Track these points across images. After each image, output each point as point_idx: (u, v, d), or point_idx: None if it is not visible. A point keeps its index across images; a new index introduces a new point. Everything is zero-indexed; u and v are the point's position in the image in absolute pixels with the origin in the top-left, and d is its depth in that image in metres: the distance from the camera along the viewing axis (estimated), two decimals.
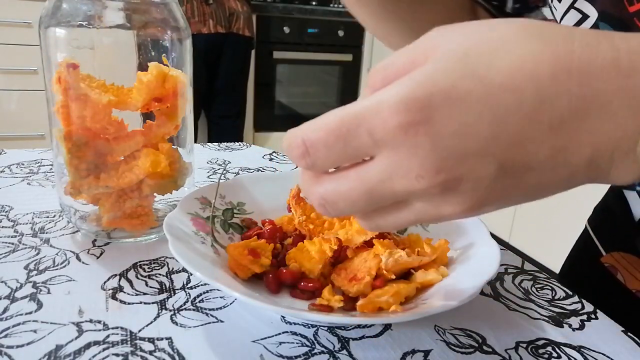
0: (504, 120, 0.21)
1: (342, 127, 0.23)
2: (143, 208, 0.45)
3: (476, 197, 0.23)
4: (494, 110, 0.21)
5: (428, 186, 0.23)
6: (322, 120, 0.24)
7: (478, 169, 0.22)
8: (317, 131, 0.24)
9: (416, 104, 0.21)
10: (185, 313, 0.36)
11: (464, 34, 0.23)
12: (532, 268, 0.47)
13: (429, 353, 0.34)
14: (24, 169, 0.62)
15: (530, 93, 0.21)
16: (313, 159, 0.24)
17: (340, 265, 0.39)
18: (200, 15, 2.21)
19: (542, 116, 0.21)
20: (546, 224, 1.99)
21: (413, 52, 0.24)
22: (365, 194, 0.24)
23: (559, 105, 0.21)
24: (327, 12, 2.96)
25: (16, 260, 0.42)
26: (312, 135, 0.24)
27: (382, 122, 0.22)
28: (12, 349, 0.32)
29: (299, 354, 0.33)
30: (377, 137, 0.22)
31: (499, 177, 0.23)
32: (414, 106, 0.21)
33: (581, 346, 0.36)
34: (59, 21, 0.41)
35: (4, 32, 2.21)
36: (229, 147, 0.77)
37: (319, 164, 0.24)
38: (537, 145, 0.22)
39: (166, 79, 0.42)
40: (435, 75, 0.22)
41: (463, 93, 0.21)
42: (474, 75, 0.21)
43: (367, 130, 0.22)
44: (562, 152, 0.22)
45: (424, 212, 0.25)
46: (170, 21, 0.44)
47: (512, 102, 0.21)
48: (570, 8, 0.43)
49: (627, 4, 0.36)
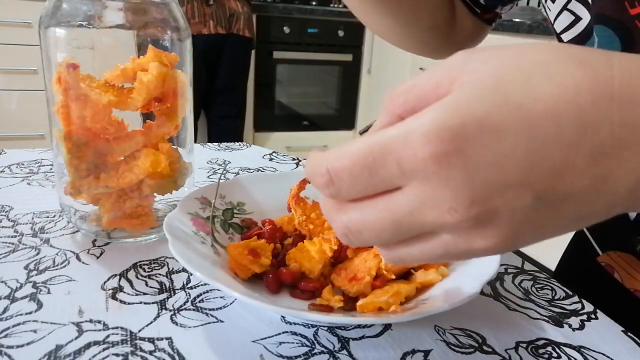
0: (543, 149, 0.21)
1: (369, 157, 0.22)
2: (143, 208, 0.45)
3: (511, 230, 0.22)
4: (532, 140, 0.20)
5: (461, 220, 0.22)
6: (348, 149, 0.23)
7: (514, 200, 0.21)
8: (342, 160, 0.23)
9: (449, 133, 0.20)
10: (185, 313, 0.37)
11: (494, 57, 0.22)
12: (532, 268, 0.47)
13: (429, 353, 0.34)
14: (24, 169, 0.62)
15: (571, 121, 0.20)
16: (337, 188, 0.23)
17: (340, 265, 0.39)
18: (200, 16, 2.21)
19: (583, 145, 0.21)
20: None
21: (438, 76, 0.23)
22: (392, 224, 0.23)
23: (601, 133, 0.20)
24: (327, 12, 2.96)
25: (16, 260, 0.42)
26: (337, 164, 0.23)
27: (412, 152, 0.21)
28: (12, 349, 0.32)
29: (299, 354, 0.33)
30: (406, 167, 0.21)
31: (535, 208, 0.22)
32: (447, 136, 0.20)
33: (581, 346, 0.36)
34: (59, 21, 0.41)
35: (4, 32, 2.21)
36: (229, 147, 0.77)
37: (344, 193, 0.23)
38: (576, 175, 0.21)
39: (166, 79, 0.42)
40: (468, 103, 0.21)
41: (498, 122, 0.20)
42: (510, 103, 0.20)
43: (396, 160, 0.22)
44: (603, 182, 0.21)
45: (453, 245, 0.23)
46: (170, 21, 0.44)
47: (552, 130, 0.20)
48: (563, 9, 0.43)
49: (628, 6, 0.36)
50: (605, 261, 0.52)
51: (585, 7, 0.40)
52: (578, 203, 0.22)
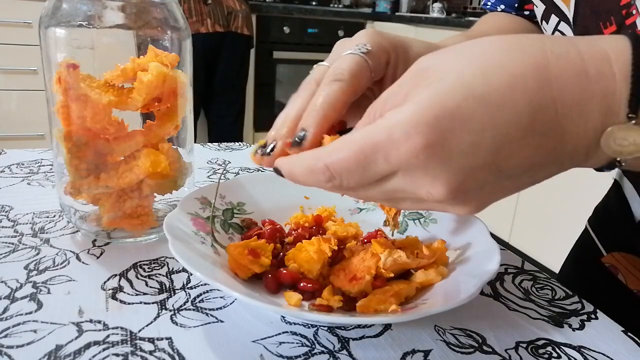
0: (506, 133, 0.24)
1: (361, 154, 0.25)
2: (143, 208, 0.45)
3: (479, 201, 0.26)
4: (496, 127, 0.24)
5: (436, 200, 0.26)
6: (341, 148, 0.26)
7: (482, 178, 0.25)
8: (339, 158, 0.26)
9: (426, 128, 0.24)
10: (185, 313, 0.36)
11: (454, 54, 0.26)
12: (532, 268, 0.47)
13: (429, 353, 0.34)
14: (24, 169, 0.62)
15: (524, 107, 0.24)
16: (339, 182, 0.27)
17: (337, 266, 0.39)
18: (198, 15, 2.20)
19: (536, 125, 0.24)
20: (546, 224, 1.99)
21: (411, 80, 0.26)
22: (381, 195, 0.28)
23: (547, 113, 0.24)
24: (327, 12, 2.96)
25: (16, 260, 0.42)
26: (335, 161, 0.26)
27: (395, 147, 0.24)
28: (12, 349, 0.32)
29: (299, 354, 0.33)
30: (392, 161, 0.25)
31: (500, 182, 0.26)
32: (424, 130, 0.24)
33: (581, 346, 0.36)
34: (59, 21, 0.41)
35: (4, 32, 2.21)
36: (229, 147, 0.77)
37: (345, 185, 0.27)
38: (532, 151, 0.25)
39: (166, 79, 0.42)
40: (439, 97, 0.24)
41: (467, 113, 0.24)
42: (475, 95, 0.24)
43: (383, 156, 0.25)
44: (552, 152, 0.25)
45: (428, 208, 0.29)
46: (170, 21, 0.44)
47: (511, 117, 0.24)
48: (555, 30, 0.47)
49: (602, 26, 0.39)
50: (609, 262, 0.52)
51: (570, 28, 0.44)
52: (534, 172, 0.26)
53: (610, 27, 0.39)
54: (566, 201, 1.85)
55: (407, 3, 3.36)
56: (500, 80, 0.24)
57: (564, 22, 0.44)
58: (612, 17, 0.38)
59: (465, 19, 2.68)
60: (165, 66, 0.41)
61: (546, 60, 0.24)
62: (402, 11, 3.34)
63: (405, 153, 0.24)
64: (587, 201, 0.63)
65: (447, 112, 0.23)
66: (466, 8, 3.34)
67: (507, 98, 0.23)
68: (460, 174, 0.25)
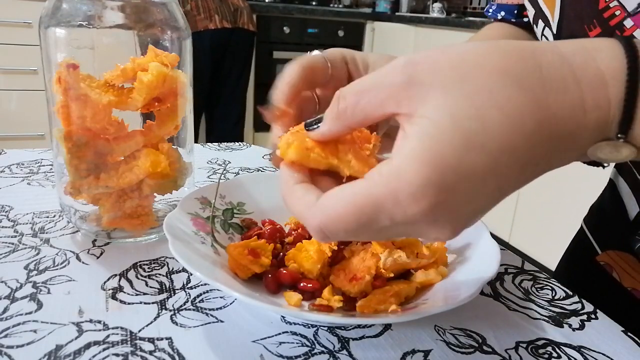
0: (506, 174, 0.25)
1: (362, 217, 0.25)
2: (143, 208, 0.45)
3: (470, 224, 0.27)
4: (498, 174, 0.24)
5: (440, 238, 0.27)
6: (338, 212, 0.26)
7: (482, 210, 0.26)
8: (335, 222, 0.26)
9: (432, 189, 0.24)
10: (185, 313, 0.36)
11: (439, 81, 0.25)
12: (532, 268, 0.47)
13: (429, 353, 0.34)
14: (24, 169, 0.62)
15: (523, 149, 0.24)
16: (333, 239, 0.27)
17: (337, 266, 0.39)
18: (206, 12, 2.20)
19: (532, 161, 0.25)
20: (546, 224, 1.99)
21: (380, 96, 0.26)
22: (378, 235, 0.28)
23: (544, 147, 0.25)
24: (327, 12, 2.96)
25: (16, 260, 0.42)
26: (330, 225, 0.26)
27: (402, 210, 0.24)
28: (12, 349, 0.32)
29: (299, 354, 0.33)
30: (398, 220, 0.25)
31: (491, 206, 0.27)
32: (431, 192, 0.24)
33: (581, 346, 0.36)
34: (59, 21, 0.41)
35: (4, 32, 2.21)
36: (229, 147, 0.77)
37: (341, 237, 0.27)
38: (525, 177, 0.26)
39: (166, 79, 0.42)
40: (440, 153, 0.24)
41: (469, 168, 0.24)
42: (475, 147, 0.24)
43: (388, 216, 0.25)
44: (538, 174, 0.26)
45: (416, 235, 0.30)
46: (170, 21, 0.44)
47: (511, 161, 0.24)
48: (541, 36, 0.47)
49: (587, 29, 0.40)
50: (604, 260, 0.52)
51: (552, 33, 0.45)
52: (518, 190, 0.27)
53: (594, 29, 0.39)
54: (566, 201, 1.85)
55: (407, 3, 3.36)
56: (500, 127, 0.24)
57: (547, 28, 0.45)
58: (594, 20, 0.39)
59: (465, 19, 2.68)
60: (165, 66, 0.41)
61: (545, 94, 0.24)
62: (402, 11, 3.34)
63: (412, 214, 0.24)
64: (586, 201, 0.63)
65: (450, 168, 0.23)
66: (466, 8, 3.34)
67: (507, 144, 0.24)
68: (465, 217, 0.26)
